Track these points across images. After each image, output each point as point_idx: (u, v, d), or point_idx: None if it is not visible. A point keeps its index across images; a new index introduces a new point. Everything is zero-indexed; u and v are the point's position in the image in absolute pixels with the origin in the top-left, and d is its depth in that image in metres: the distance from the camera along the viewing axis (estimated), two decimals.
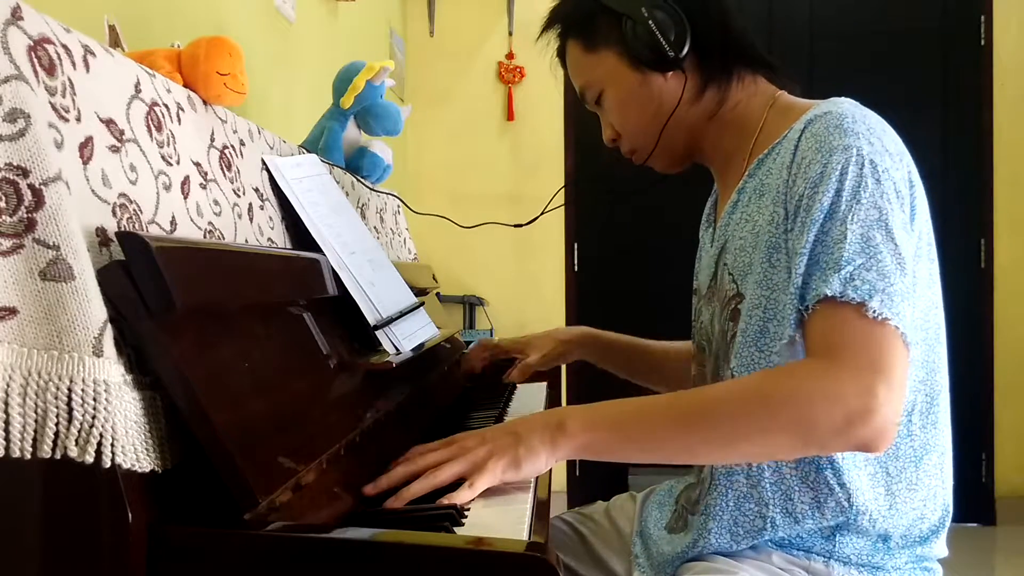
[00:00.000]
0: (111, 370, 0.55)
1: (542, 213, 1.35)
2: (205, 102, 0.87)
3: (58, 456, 0.53)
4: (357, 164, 1.50)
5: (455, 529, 0.72)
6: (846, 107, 0.89)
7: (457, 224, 1.48)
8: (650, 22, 0.96)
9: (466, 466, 0.77)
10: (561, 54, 1.11)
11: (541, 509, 0.82)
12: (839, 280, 0.78)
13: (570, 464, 3.39)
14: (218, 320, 0.69)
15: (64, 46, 0.62)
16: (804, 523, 0.89)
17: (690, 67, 0.99)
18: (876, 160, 0.83)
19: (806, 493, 0.88)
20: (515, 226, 1.41)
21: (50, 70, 0.59)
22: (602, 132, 1.11)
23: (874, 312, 0.76)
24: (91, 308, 0.54)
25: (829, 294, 0.78)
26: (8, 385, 0.52)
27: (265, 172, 0.99)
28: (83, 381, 0.53)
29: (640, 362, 1.33)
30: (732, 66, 1.01)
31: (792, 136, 0.91)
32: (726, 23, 1.00)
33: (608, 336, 1.36)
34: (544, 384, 1.54)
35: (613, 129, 1.08)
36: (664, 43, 0.96)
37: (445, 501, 0.75)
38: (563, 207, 3.30)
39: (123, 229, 0.64)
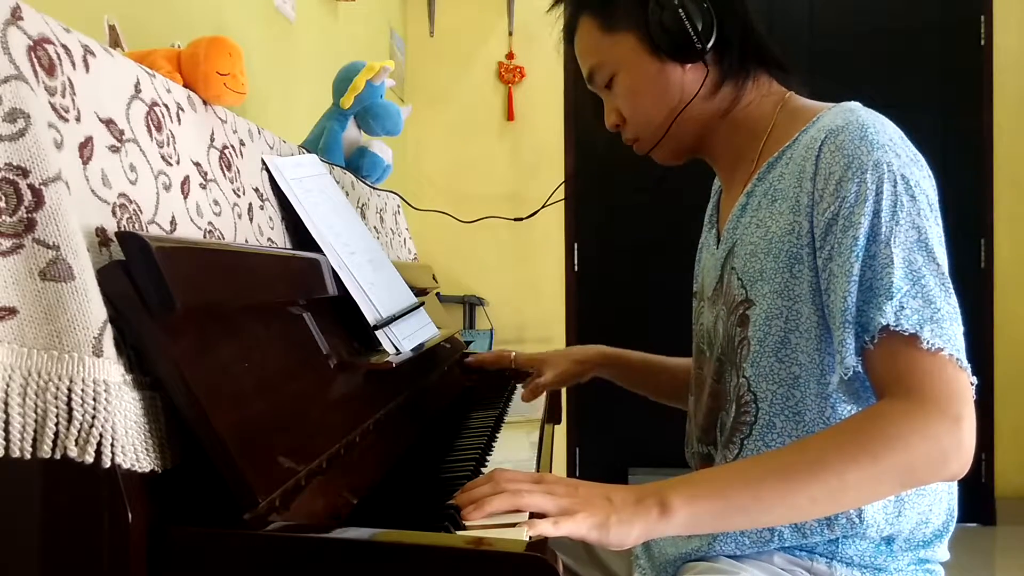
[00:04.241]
0: (111, 370, 0.55)
1: (542, 207, 1.35)
2: (205, 102, 0.87)
3: (58, 456, 0.53)
4: (357, 164, 1.50)
5: (455, 529, 0.72)
6: (863, 115, 0.88)
7: (456, 219, 1.49)
8: (680, 9, 0.94)
9: (554, 508, 0.73)
10: (570, 30, 1.07)
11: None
12: (892, 309, 0.79)
13: (569, 463, 3.39)
14: (218, 320, 0.69)
15: (64, 46, 0.62)
16: (812, 537, 0.89)
17: (710, 61, 0.98)
18: (906, 174, 0.83)
19: (842, 511, 0.87)
20: (515, 220, 1.41)
21: (50, 70, 0.59)
22: (604, 116, 1.07)
23: (928, 343, 0.77)
24: (91, 308, 0.54)
25: (883, 323, 0.78)
26: (8, 385, 0.52)
27: (265, 172, 0.99)
28: (83, 381, 0.53)
29: (662, 380, 1.31)
30: (749, 64, 1.00)
31: (806, 142, 0.90)
32: (747, 20, 0.99)
33: (625, 355, 1.33)
34: None
35: (618, 114, 1.05)
36: (692, 33, 0.94)
37: (527, 526, 0.70)
38: (564, 210, 3.30)
39: (123, 229, 0.64)
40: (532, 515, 0.72)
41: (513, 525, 0.70)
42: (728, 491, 0.77)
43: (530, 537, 0.68)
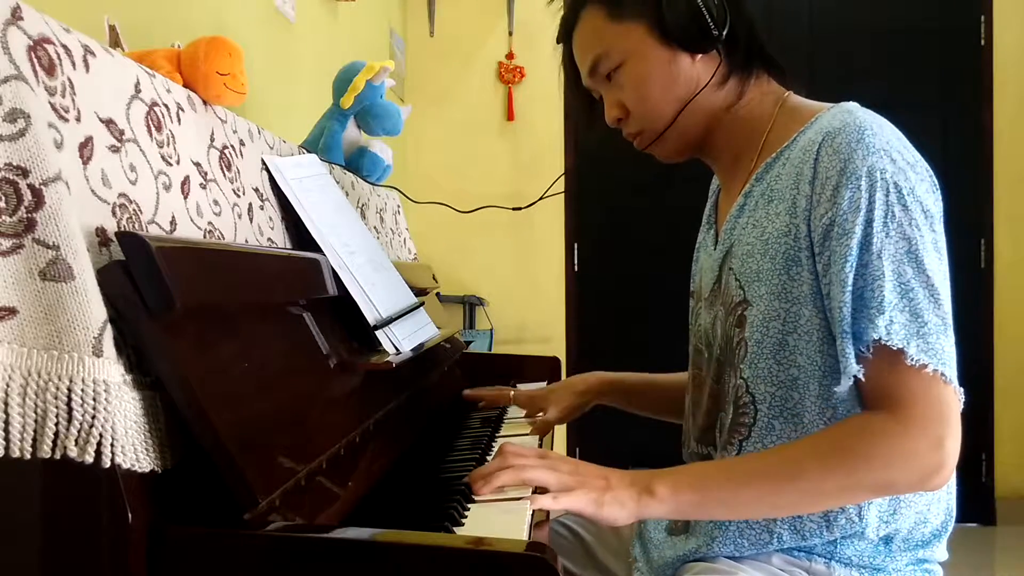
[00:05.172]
0: (111, 370, 0.55)
1: (540, 198, 1.35)
2: (205, 102, 0.87)
3: (58, 456, 0.53)
4: (357, 164, 1.50)
5: (455, 529, 0.72)
6: (860, 117, 0.88)
7: (454, 209, 1.49)
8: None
9: (556, 483, 0.81)
10: (569, 25, 1.06)
11: (540, 511, 0.82)
12: (884, 323, 0.80)
13: None
14: (218, 320, 0.69)
15: (64, 46, 0.62)
16: (811, 539, 0.89)
17: (720, 52, 0.98)
18: (899, 181, 0.84)
19: (816, 512, 0.88)
20: (513, 208, 1.41)
21: (50, 70, 0.59)
22: (605, 112, 1.05)
23: (913, 359, 0.79)
24: (91, 308, 0.54)
25: (876, 337, 0.80)
26: (8, 385, 0.52)
27: (265, 172, 0.99)
28: (83, 381, 0.53)
29: (664, 401, 1.29)
30: (753, 61, 1.00)
31: (804, 144, 0.90)
32: (751, 17, 1.00)
33: (625, 380, 1.33)
34: (544, 384, 1.54)
35: (621, 107, 1.03)
36: (710, 21, 0.95)
37: (530, 501, 0.79)
38: (564, 210, 3.30)
39: (123, 229, 0.64)
40: (535, 491, 0.80)
41: (518, 499, 0.78)
42: (710, 486, 0.85)
43: (533, 512, 0.76)
